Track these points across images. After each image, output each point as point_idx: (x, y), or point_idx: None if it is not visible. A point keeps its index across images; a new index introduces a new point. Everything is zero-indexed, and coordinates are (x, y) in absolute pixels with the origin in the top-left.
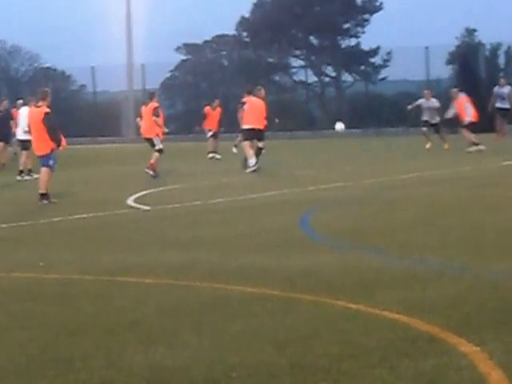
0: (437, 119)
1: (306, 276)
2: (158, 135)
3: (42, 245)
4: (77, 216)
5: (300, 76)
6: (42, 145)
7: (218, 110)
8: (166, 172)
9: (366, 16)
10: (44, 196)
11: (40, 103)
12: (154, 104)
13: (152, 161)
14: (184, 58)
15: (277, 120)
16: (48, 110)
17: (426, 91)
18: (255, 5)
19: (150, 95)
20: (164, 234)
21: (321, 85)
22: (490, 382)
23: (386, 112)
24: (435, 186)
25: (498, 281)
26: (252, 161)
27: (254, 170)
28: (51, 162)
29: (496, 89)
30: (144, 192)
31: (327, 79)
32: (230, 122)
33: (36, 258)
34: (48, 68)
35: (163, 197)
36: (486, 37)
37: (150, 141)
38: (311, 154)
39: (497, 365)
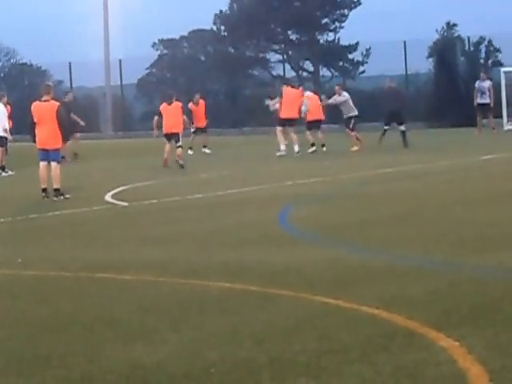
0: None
1: (284, 272)
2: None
3: (20, 241)
4: (54, 212)
5: (278, 71)
6: (57, 138)
7: (202, 104)
8: (144, 168)
9: (345, 11)
10: (58, 191)
11: (45, 97)
12: (179, 103)
13: (178, 153)
14: (161, 53)
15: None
16: (59, 103)
17: (336, 87)
18: None
19: (171, 95)
20: (142, 230)
21: (299, 80)
22: (470, 376)
23: (364, 107)
24: (414, 180)
25: (477, 276)
26: (282, 147)
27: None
28: (60, 157)
29: (477, 83)
30: (122, 188)
31: (305, 74)
32: (209, 118)
33: (14, 254)
34: (24, 64)
35: (141, 192)
36: (469, 31)
37: (175, 136)
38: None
39: (476, 360)
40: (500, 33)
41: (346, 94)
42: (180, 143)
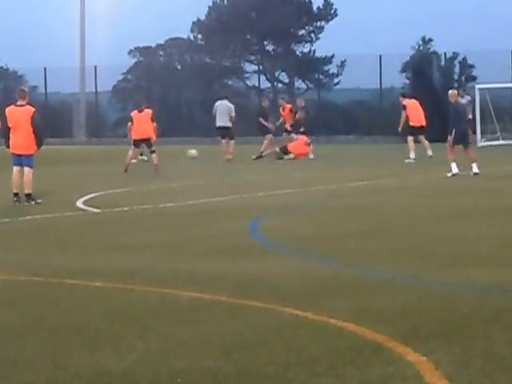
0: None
1: (254, 282)
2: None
3: None
4: (25, 217)
5: (253, 81)
6: (31, 144)
7: None
8: (116, 175)
9: (321, 23)
10: (29, 196)
11: (20, 102)
12: (150, 110)
13: (155, 162)
14: (137, 60)
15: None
16: (34, 108)
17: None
18: (211, 8)
19: (141, 102)
20: (113, 237)
21: (274, 91)
22: None
23: (338, 120)
24: (385, 194)
25: (446, 291)
26: (412, 155)
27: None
28: (33, 163)
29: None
30: (94, 194)
31: (280, 85)
32: (184, 126)
33: None
34: (0, 68)
35: (113, 199)
36: (445, 47)
37: (146, 141)
38: (262, 159)
39: (443, 375)
40: (475, 49)
41: None
42: (153, 148)
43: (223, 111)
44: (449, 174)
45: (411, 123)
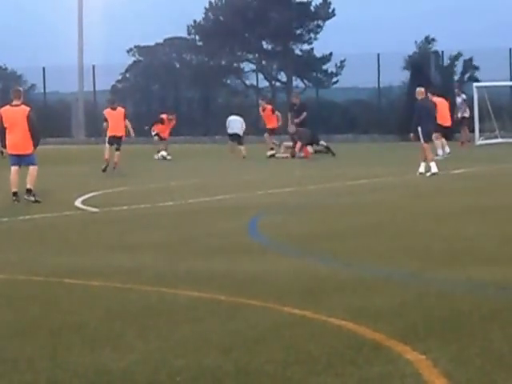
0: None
1: (253, 281)
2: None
3: None
4: (25, 217)
5: (251, 80)
6: (29, 143)
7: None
8: (114, 174)
9: (319, 22)
10: (30, 192)
11: (15, 102)
12: (122, 109)
13: (116, 160)
14: (135, 60)
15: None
16: (29, 107)
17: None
18: (208, 8)
19: (113, 100)
20: (112, 236)
21: (272, 90)
22: None
23: (337, 118)
24: (383, 193)
25: (445, 289)
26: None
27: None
28: (36, 160)
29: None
30: (92, 193)
31: (278, 84)
32: (182, 126)
33: None
34: None
35: (112, 199)
36: (444, 46)
37: (118, 139)
38: (260, 158)
39: (441, 373)
40: (473, 47)
41: None
42: (119, 147)
43: (236, 123)
44: (428, 174)
45: (438, 121)
